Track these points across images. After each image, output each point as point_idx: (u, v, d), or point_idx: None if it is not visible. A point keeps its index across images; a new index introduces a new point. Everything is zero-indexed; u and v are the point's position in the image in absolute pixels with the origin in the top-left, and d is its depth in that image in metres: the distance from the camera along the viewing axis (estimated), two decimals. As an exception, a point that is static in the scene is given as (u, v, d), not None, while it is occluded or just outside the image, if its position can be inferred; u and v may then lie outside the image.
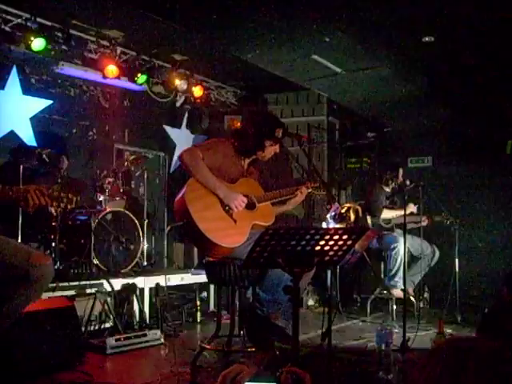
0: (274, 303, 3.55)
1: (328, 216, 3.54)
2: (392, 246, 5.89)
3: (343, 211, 3.45)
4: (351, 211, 3.43)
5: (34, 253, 2.80)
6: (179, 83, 7.46)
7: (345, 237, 2.48)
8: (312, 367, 3.56)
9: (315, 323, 4.84)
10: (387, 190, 6.24)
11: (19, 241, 4.91)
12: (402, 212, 4.55)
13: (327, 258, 2.56)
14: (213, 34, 6.05)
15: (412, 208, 5.83)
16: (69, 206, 2.91)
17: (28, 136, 6.69)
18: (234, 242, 3.42)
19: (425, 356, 1.07)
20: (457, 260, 5.64)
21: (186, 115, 8.51)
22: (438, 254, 6.10)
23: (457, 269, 5.60)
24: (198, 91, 7.79)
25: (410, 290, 5.91)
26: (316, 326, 4.70)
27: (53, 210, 2.91)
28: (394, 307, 5.77)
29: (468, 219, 6.57)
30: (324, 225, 3.62)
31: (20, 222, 5.21)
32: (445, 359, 1.05)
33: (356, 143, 8.26)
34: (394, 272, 5.88)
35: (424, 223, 5.85)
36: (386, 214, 6.10)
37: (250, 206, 3.64)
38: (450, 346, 1.07)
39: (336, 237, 2.46)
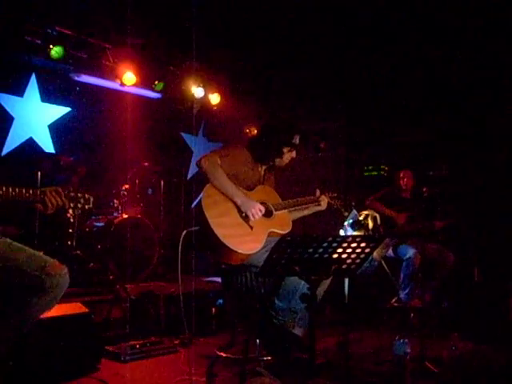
0: (289, 312, 3.52)
1: (346, 223, 3.50)
2: (407, 257, 5.79)
3: (361, 218, 3.42)
4: (369, 218, 3.39)
5: (50, 261, 2.79)
6: (196, 90, 7.49)
7: (363, 244, 2.46)
8: (328, 377, 3.53)
9: (332, 332, 4.78)
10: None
11: (35, 247, 4.93)
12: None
13: (345, 266, 2.54)
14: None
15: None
16: (86, 207, 2.90)
17: (46, 143, 6.76)
18: (251, 248, 3.41)
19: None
20: (476, 269, 5.56)
21: (203, 122, 8.54)
22: (454, 262, 5.98)
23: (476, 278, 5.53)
24: (215, 99, 7.81)
25: (427, 299, 5.82)
26: (333, 335, 4.65)
27: (71, 212, 2.88)
28: (411, 315, 5.69)
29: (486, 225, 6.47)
30: (342, 232, 3.58)
31: (37, 228, 5.25)
32: None
33: (373, 150, 8.20)
34: (407, 282, 5.80)
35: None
36: None
37: (267, 214, 3.63)
38: None
39: (354, 244, 2.44)
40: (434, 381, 3.47)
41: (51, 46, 6.08)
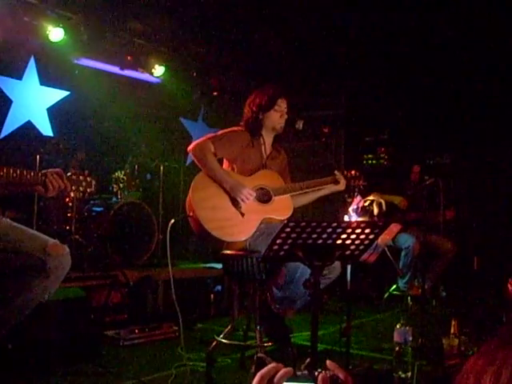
0: (286, 300, 3.51)
1: (350, 209, 3.46)
2: (406, 246, 5.77)
3: (366, 204, 3.37)
4: (374, 204, 3.35)
5: (51, 242, 2.76)
6: (196, 75, 7.44)
7: (367, 231, 2.42)
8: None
9: (331, 319, 4.77)
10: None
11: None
12: None
13: (348, 252, 2.51)
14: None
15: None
16: (88, 190, 2.87)
17: (45, 126, 6.69)
18: (238, 237, 3.38)
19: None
20: (475, 258, 5.56)
21: (203, 107, 8.48)
22: (455, 251, 5.98)
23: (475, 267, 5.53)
24: (215, 84, 7.77)
25: (426, 288, 5.81)
26: (331, 322, 4.64)
27: (72, 195, 2.83)
28: (410, 304, 5.68)
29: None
30: (346, 218, 3.53)
31: (35, 212, 5.22)
32: None
33: (373, 138, 8.14)
34: (406, 271, 5.79)
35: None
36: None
37: (265, 199, 3.56)
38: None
39: (358, 230, 2.41)
40: (434, 368, 3.46)
41: (50, 29, 6.01)
